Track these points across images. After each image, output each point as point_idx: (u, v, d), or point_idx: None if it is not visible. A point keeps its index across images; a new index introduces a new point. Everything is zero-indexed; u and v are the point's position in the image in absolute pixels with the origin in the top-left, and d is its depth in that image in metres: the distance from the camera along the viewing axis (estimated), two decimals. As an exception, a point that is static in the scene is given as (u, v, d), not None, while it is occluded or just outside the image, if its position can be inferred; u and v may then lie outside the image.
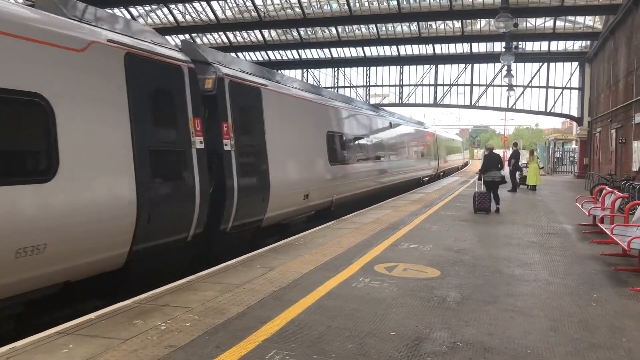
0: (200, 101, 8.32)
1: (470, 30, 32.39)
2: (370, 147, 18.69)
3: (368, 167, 17.88)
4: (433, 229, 11.10)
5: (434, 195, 19.73)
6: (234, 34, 35.60)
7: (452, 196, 19.24)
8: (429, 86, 39.09)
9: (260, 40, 35.75)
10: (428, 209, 14.72)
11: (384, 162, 20.18)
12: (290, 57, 39.48)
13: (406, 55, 37.68)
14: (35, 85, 5.40)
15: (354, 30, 34.54)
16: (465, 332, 4.86)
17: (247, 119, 9.91)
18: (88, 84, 6.17)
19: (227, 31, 34.74)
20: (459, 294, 6.19)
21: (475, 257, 8.32)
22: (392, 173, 21.15)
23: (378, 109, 23.56)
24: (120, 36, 6.95)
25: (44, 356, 4.10)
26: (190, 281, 6.55)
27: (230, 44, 36.04)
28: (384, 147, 20.56)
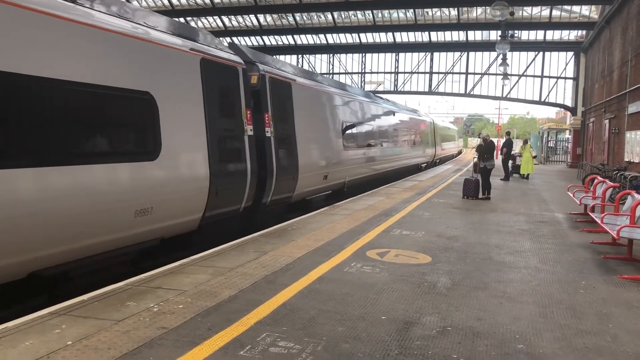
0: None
1: (467, 18, 32.35)
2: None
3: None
4: (425, 216, 11.16)
5: (427, 182, 19.80)
6: (229, 18, 35.38)
7: (445, 184, 19.31)
8: (424, 74, 39.10)
9: (255, 25, 35.56)
10: (421, 196, 14.78)
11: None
12: (285, 43, 39.29)
13: (402, 43, 37.62)
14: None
15: (349, 16, 34.42)
16: (454, 317, 4.92)
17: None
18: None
19: (222, 15, 34.52)
20: (450, 279, 6.26)
21: (467, 244, 8.38)
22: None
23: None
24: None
25: (36, 336, 4.13)
26: (183, 264, 6.58)
27: (226, 28, 35.85)
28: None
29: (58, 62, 5.64)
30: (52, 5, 5.64)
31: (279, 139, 10.93)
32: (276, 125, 10.87)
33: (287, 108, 11.74)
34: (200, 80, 8.24)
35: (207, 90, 8.35)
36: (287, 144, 11.47)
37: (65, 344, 4.00)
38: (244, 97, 9.48)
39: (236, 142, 9.24)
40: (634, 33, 19.79)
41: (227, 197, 8.76)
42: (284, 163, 11.14)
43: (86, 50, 6.05)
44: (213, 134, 8.39)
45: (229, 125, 9.04)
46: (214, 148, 8.39)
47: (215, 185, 8.29)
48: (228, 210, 8.95)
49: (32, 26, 5.33)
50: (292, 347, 4.07)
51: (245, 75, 9.65)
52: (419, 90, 39.96)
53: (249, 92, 9.76)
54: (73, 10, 5.95)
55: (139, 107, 6.97)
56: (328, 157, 14.06)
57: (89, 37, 6.08)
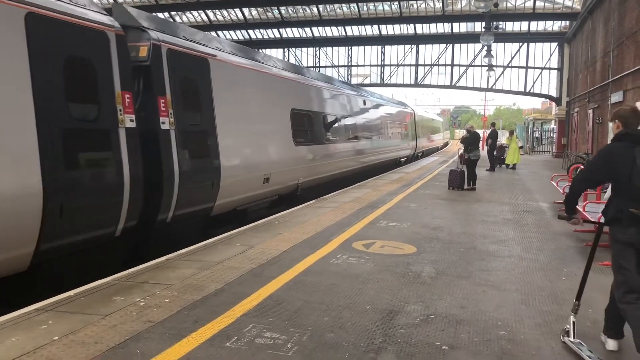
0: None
1: (451, 10, 32.45)
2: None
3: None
4: (411, 207, 11.25)
5: (413, 174, 19.91)
6: (214, 13, 35.21)
7: (431, 175, 19.43)
8: (410, 66, 39.25)
9: (240, 19, 35.42)
10: (407, 188, 14.88)
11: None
12: (271, 37, 39.20)
13: (388, 35, 37.69)
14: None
15: (335, 9, 34.41)
16: (438, 306, 5.00)
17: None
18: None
19: (207, 9, 34.35)
20: (434, 269, 6.34)
21: (451, 234, 8.48)
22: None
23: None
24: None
25: (22, 332, 4.14)
26: (170, 259, 6.60)
27: (211, 22, 35.66)
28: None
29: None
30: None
31: (185, 132, 8.22)
32: (180, 114, 8.18)
33: (202, 92, 8.92)
34: (24, 47, 5.55)
35: (39, 61, 5.70)
36: (201, 140, 8.85)
37: (51, 339, 4.02)
38: (118, 75, 6.85)
39: (100, 136, 6.60)
40: (616, 23, 19.99)
41: (82, 217, 6.19)
42: (195, 165, 8.52)
43: None
44: (50, 127, 5.73)
45: (86, 114, 6.42)
46: (52, 147, 5.72)
47: (56, 202, 5.72)
48: (88, 236, 6.38)
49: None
50: (277, 337, 4.12)
51: (122, 44, 7.02)
52: (405, 83, 40.10)
53: (128, 68, 7.12)
54: None
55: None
56: (270, 155, 11.47)
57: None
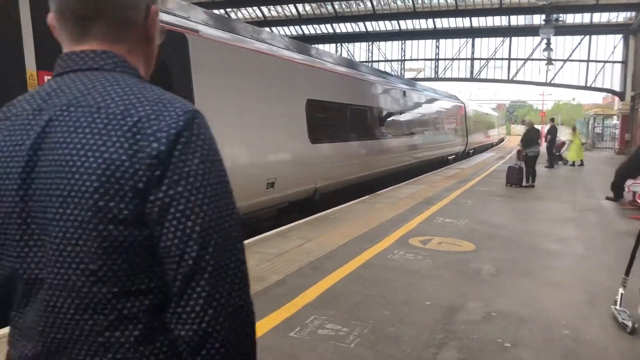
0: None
1: (509, 3, 31.65)
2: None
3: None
4: (468, 204, 11.11)
5: (469, 170, 19.62)
6: (268, 8, 35.58)
7: (488, 172, 19.10)
8: (465, 60, 38.51)
9: (294, 14, 35.67)
10: (463, 184, 14.69)
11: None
12: (324, 32, 39.30)
13: (442, 29, 37.12)
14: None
15: (389, 3, 34.15)
16: (499, 303, 4.96)
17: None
18: None
19: (261, 5, 34.75)
20: (494, 267, 6.27)
21: (511, 232, 8.34)
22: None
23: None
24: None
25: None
26: (231, 251, 6.79)
27: (265, 18, 36.07)
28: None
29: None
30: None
31: None
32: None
33: (175, 77, 7.00)
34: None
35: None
36: None
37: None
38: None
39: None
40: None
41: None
42: None
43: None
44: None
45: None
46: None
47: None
48: None
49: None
50: (339, 329, 4.19)
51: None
52: (460, 77, 39.41)
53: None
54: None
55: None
56: (276, 154, 9.51)
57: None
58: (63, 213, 0.95)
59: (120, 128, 0.94)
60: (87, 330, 0.96)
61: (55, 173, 0.96)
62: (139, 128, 0.94)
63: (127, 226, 0.93)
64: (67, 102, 0.99)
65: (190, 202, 0.94)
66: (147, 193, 0.93)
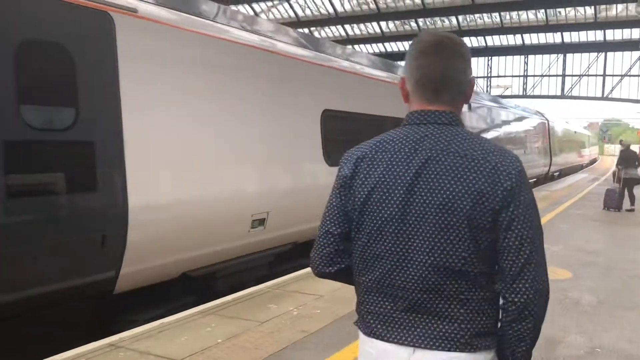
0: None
1: (605, 16, 30.21)
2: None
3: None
4: (562, 228, 10.56)
5: (561, 192, 18.72)
6: (351, 27, 35.92)
7: (581, 194, 18.15)
8: (555, 76, 37.04)
9: (377, 32, 35.78)
10: (556, 207, 14.01)
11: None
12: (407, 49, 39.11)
13: (531, 45, 35.96)
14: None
15: (475, 20, 33.52)
16: (603, 338, 4.62)
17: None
18: None
19: (345, 24, 35.14)
20: (594, 297, 5.88)
21: (610, 259, 7.83)
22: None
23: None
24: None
25: (190, 333, 4.47)
26: (316, 270, 6.76)
27: (348, 36, 36.41)
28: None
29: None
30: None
31: (36, 142, 4.29)
32: (32, 111, 4.25)
33: (88, 72, 4.65)
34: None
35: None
36: (78, 155, 4.64)
37: (216, 341, 4.29)
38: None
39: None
40: None
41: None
42: (54, 203, 4.41)
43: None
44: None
45: None
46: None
47: None
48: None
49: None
50: (431, 358, 4.05)
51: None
52: (550, 94, 37.94)
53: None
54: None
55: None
56: (270, 181, 6.87)
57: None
58: (440, 218, 1.49)
59: (485, 169, 1.48)
60: (451, 291, 1.51)
61: (431, 192, 1.50)
62: (497, 170, 1.48)
63: (486, 232, 1.48)
64: (440, 149, 1.53)
65: (525, 219, 1.48)
66: (500, 212, 1.47)
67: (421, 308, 1.53)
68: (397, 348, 1.55)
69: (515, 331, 1.54)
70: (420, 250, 1.51)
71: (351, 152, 1.69)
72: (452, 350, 1.51)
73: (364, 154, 1.62)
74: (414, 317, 1.54)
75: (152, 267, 5.35)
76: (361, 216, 1.59)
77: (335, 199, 1.67)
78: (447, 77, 1.57)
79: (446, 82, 1.57)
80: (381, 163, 1.57)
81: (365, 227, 1.59)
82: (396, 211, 1.53)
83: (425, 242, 1.51)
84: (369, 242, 1.58)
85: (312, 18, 33.75)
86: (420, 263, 1.51)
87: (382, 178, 1.56)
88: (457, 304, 1.51)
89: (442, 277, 1.50)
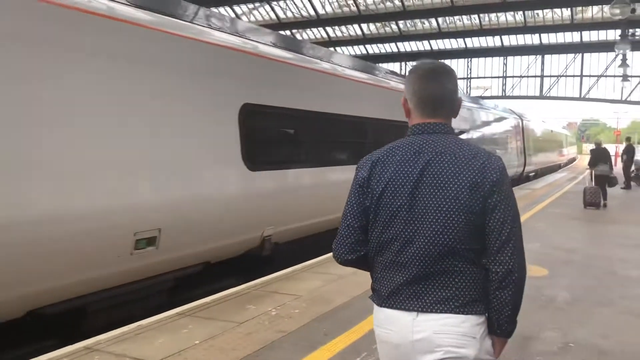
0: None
1: (581, 18, 30.62)
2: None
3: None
4: (540, 227, 10.69)
5: (540, 191, 18.95)
6: (333, 29, 35.96)
7: (560, 193, 18.38)
8: (534, 77, 37.45)
9: (359, 34, 35.87)
10: (535, 206, 14.18)
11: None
12: (388, 51, 39.28)
13: (510, 46, 36.28)
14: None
15: (455, 22, 33.75)
16: (577, 334, 4.70)
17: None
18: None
19: (326, 26, 35.16)
20: (569, 294, 5.97)
21: (587, 257, 7.95)
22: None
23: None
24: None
25: (167, 334, 4.46)
26: (296, 270, 6.79)
27: (330, 38, 36.44)
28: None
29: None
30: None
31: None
32: None
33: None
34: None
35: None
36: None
37: (193, 343, 4.28)
38: None
39: None
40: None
41: None
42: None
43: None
44: None
45: None
46: None
47: None
48: None
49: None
50: (407, 356, 4.08)
51: None
52: (529, 95, 38.34)
53: None
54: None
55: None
56: (163, 189, 5.50)
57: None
58: (440, 205, 1.88)
59: (475, 166, 1.89)
60: (457, 263, 1.89)
61: (434, 187, 1.90)
62: (485, 166, 1.89)
63: (476, 215, 1.87)
64: (438, 152, 1.94)
65: (506, 205, 1.88)
66: (487, 199, 1.87)
67: (424, 279, 1.89)
68: (402, 314, 1.91)
69: (499, 298, 1.88)
70: (424, 232, 1.89)
71: (367, 158, 2.08)
72: (446, 312, 1.86)
73: (378, 159, 2.02)
74: (417, 287, 1.90)
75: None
76: (377, 208, 1.97)
77: (354, 198, 2.04)
78: (444, 97, 2.03)
79: (442, 101, 2.02)
80: (392, 165, 1.97)
81: (381, 216, 1.97)
82: (405, 202, 1.92)
83: (429, 225, 1.89)
84: (384, 228, 1.96)
85: (294, 20, 33.72)
86: (424, 242, 1.89)
87: (393, 176, 1.95)
88: (453, 276, 1.88)
89: (441, 253, 1.87)
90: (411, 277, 1.90)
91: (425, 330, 1.88)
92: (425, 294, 1.89)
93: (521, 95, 38.78)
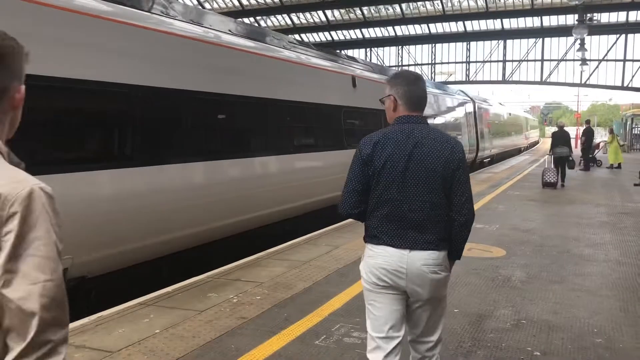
0: None
1: (541, 3, 31.13)
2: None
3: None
4: (500, 209, 10.95)
5: (502, 175, 19.33)
6: (297, 16, 35.77)
7: (521, 175, 18.79)
8: (497, 62, 37.96)
9: (323, 21, 35.77)
10: (495, 189, 14.49)
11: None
12: (353, 37, 39.29)
13: (473, 31, 36.62)
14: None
15: (418, 7, 33.90)
16: (529, 310, 4.87)
17: None
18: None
19: (290, 13, 34.95)
20: (525, 273, 6.16)
21: (543, 237, 8.19)
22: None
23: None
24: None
25: (128, 324, 4.46)
26: (260, 257, 6.83)
27: (294, 25, 36.25)
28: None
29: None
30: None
31: None
32: None
33: None
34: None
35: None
36: None
37: (153, 332, 4.30)
38: None
39: None
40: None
41: None
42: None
43: None
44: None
45: None
46: None
47: None
48: None
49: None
50: (365, 337, 4.17)
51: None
52: (492, 80, 38.87)
53: None
54: None
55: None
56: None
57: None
58: (426, 176, 2.62)
59: (447, 147, 2.66)
60: (435, 215, 2.64)
61: (421, 162, 2.62)
62: (453, 148, 2.68)
63: (448, 181, 2.64)
64: (423, 136, 2.66)
65: (466, 174, 2.71)
66: (455, 170, 2.65)
67: (414, 226, 2.62)
68: (398, 251, 2.62)
69: (460, 235, 2.72)
70: (415, 193, 2.62)
71: (368, 138, 2.73)
72: (429, 249, 2.62)
73: (378, 140, 2.68)
74: (410, 232, 2.62)
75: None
76: (379, 176, 2.65)
77: (358, 167, 2.71)
78: (424, 97, 2.82)
79: (423, 100, 2.81)
80: (389, 145, 2.65)
81: (382, 182, 2.65)
82: (400, 172, 2.63)
83: (418, 188, 2.62)
84: (384, 190, 2.66)
85: (257, 7, 33.43)
86: (415, 200, 2.62)
87: (391, 154, 2.64)
88: (434, 223, 2.64)
89: (427, 207, 2.62)
90: (406, 225, 2.62)
91: (415, 263, 2.61)
92: (415, 236, 2.62)
93: (484, 80, 39.27)
